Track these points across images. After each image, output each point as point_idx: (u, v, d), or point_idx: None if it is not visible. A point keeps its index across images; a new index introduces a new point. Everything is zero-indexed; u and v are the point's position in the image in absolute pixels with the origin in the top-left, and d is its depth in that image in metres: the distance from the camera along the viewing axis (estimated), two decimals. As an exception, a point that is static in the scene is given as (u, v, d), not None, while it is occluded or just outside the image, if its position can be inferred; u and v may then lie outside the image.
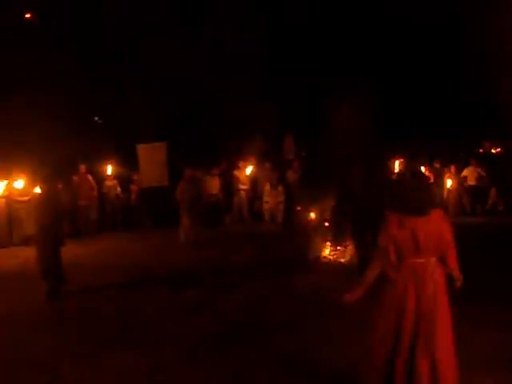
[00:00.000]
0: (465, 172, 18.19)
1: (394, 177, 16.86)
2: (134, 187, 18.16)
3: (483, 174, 17.88)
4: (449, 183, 18.19)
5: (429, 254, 4.62)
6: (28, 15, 20.79)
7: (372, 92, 12.28)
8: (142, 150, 18.23)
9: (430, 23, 17.58)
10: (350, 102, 11.03)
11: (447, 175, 18.34)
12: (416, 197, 4.65)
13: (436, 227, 4.62)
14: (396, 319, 4.63)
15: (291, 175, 18.03)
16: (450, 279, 4.73)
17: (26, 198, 15.37)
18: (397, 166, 17.44)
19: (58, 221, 10.00)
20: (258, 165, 18.47)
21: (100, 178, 17.79)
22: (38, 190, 15.51)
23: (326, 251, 11.33)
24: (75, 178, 17.09)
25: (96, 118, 23.20)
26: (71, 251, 14.01)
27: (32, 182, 15.70)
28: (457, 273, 4.73)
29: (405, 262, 4.64)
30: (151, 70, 19.32)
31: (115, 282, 10.36)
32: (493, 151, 20.11)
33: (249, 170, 18.09)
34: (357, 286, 4.92)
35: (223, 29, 18.57)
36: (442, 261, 4.69)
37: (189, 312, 8.27)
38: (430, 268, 4.62)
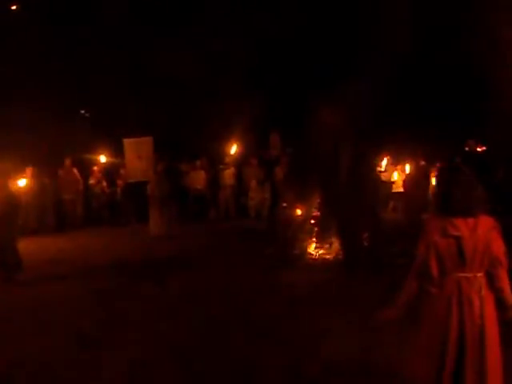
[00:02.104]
0: (450, 170, 18.28)
1: (379, 173, 16.96)
2: (120, 182, 18.11)
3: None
4: (434, 181, 18.28)
5: (475, 267, 3.92)
6: (14, 7, 20.59)
7: (358, 89, 12.30)
8: (128, 144, 18.16)
9: (417, 19, 17.62)
10: (336, 99, 11.02)
11: (433, 173, 18.41)
12: (464, 195, 3.94)
13: (484, 236, 3.91)
14: (439, 342, 3.96)
15: (277, 172, 18.06)
16: (499, 304, 4.00)
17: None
18: (384, 163, 17.52)
19: (14, 213, 10.29)
20: (244, 161, 18.51)
21: (86, 172, 17.73)
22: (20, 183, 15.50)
23: (312, 248, 11.36)
24: (61, 171, 17.01)
25: (83, 112, 23.05)
26: (56, 245, 14.03)
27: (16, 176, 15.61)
28: (509, 298, 3.96)
29: (448, 277, 3.96)
30: (138, 64, 19.23)
31: (99, 276, 10.34)
32: (478, 149, 20.21)
33: (233, 149, 18.13)
34: (391, 305, 4.19)
35: (209, 27, 18.51)
36: (490, 279, 3.96)
37: (173, 308, 8.25)
38: (476, 284, 3.93)
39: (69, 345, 6.78)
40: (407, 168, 18.78)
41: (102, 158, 17.91)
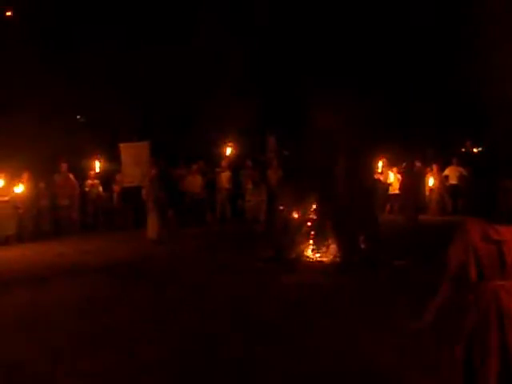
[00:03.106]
0: (446, 171, 18.32)
1: (377, 177, 16.98)
2: (115, 187, 18.07)
3: (464, 173, 18.01)
4: (431, 182, 18.31)
5: None
6: (9, 13, 20.58)
7: (355, 92, 12.31)
8: (125, 149, 18.12)
9: (413, 22, 17.68)
10: (333, 102, 11.03)
11: (429, 174, 18.46)
12: (509, 199, 3.73)
13: None
14: (478, 354, 3.68)
15: (273, 174, 18.05)
16: None
17: (6, 198, 15.26)
18: (380, 166, 17.54)
19: None
20: (240, 164, 18.51)
21: (82, 177, 17.69)
22: (17, 189, 15.48)
23: (309, 250, 11.34)
24: (56, 176, 16.96)
25: (78, 117, 23.03)
26: (52, 251, 13.99)
27: (12, 182, 15.60)
28: None
29: (486, 284, 3.71)
30: (133, 69, 19.22)
31: (95, 281, 10.30)
32: (474, 150, 20.27)
33: (228, 150, 18.13)
34: (425, 312, 3.94)
35: (204, 28, 18.52)
36: None
37: (171, 311, 8.23)
38: None
39: (66, 347, 6.74)
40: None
41: (97, 165, 17.86)
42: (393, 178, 18.95)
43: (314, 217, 11.54)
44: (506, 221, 3.72)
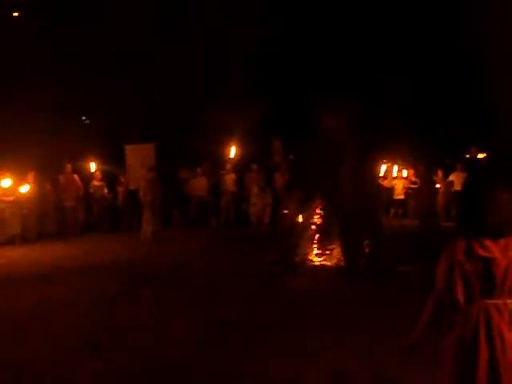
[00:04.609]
0: (451, 177, 18.28)
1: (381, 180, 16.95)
2: (120, 188, 18.09)
3: (469, 179, 17.91)
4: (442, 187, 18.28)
5: (506, 293, 3.45)
6: (16, 14, 20.67)
7: (360, 95, 12.33)
8: (130, 150, 18.18)
9: (418, 22, 17.74)
10: (338, 105, 11.04)
11: (438, 181, 18.39)
12: (501, 216, 3.44)
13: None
14: (467, 367, 3.47)
15: (278, 178, 18.06)
16: None
17: (11, 198, 15.30)
18: (382, 170, 17.51)
19: None
20: (246, 167, 18.53)
21: (87, 179, 17.72)
22: (23, 189, 15.52)
23: (313, 254, 11.35)
24: (61, 177, 16.99)
25: (83, 118, 23.10)
26: (57, 251, 14.02)
27: (17, 182, 15.65)
28: None
29: (474, 304, 3.47)
30: (139, 70, 19.28)
31: (99, 282, 10.32)
32: (479, 156, 20.20)
33: (232, 151, 18.16)
34: (413, 330, 3.70)
35: (210, 31, 18.58)
36: None
37: (174, 313, 8.23)
38: (506, 312, 3.45)
39: (71, 348, 6.76)
40: (404, 173, 18.80)
41: (92, 166, 17.90)
42: (397, 182, 18.94)
43: (319, 221, 11.55)
44: (494, 235, 3.43)
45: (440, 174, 18.38)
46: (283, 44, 17.97)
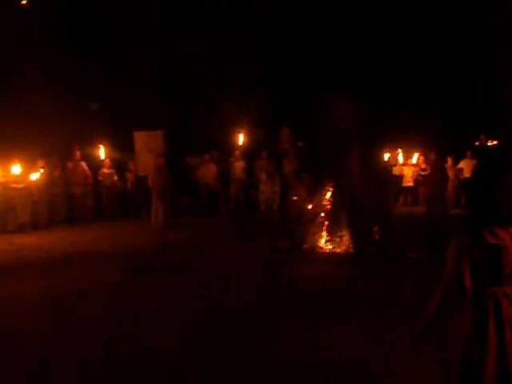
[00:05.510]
0: (461, 164, 18.18)
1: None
2: (129, 175, 18.08)
3: (479, 166, 17.79)
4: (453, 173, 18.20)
5: None
6: (24, 1, 20.63)
7: (367, 82, 12.28)
8: (139, 137, 18.17)
9: (426, 17, 17.64)
10: (345, 92, 10.99)
11: (450, 167, 18.28)
12: (509, 200, 3.40)
13: None
14: (476, 354, 3.44)
15: (287, 165, 18.04)
16: None
17: (21, 185, 15.35)
18: (386, 157, 17.43)
19: None
20: (254, 155, 18.50)
21: (96, 166, 17.71)
22: (33, 176, 15.56)
23: (322, 241, 11.33)
24: (69, 164, 17.00)
25: (93, 104, 23.05)
26: (66, 238, 14.08)
27: (27, 169, 15.68)
28: None
29: (483, 290, 3.44)
30: (149, 57, 19.27)
31: (109, 268, 10.34)
32: (489, 144, 20.08)
33: (240, 138, 18.17)
34: (421, 317, 3.69)
35: (220, 18, 18.54)
36: None
37: (184, 299, 8.27)
38: None
39: (80, 335, 6.81)
40: (414, 159, 18.70)
41: (101, 152, 17.84)
42: (406, 170, 18.87)
43: (328, 207, 11.53)
44: (505, 223, 3.41)
45: (450, 161, 18.27)
46: (293, 32, 17.90)
